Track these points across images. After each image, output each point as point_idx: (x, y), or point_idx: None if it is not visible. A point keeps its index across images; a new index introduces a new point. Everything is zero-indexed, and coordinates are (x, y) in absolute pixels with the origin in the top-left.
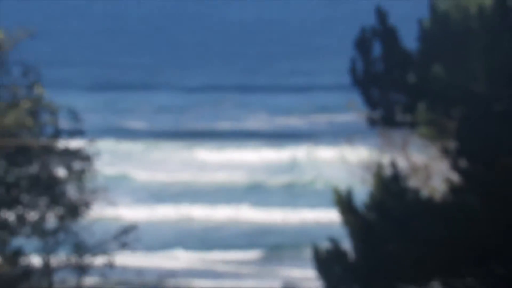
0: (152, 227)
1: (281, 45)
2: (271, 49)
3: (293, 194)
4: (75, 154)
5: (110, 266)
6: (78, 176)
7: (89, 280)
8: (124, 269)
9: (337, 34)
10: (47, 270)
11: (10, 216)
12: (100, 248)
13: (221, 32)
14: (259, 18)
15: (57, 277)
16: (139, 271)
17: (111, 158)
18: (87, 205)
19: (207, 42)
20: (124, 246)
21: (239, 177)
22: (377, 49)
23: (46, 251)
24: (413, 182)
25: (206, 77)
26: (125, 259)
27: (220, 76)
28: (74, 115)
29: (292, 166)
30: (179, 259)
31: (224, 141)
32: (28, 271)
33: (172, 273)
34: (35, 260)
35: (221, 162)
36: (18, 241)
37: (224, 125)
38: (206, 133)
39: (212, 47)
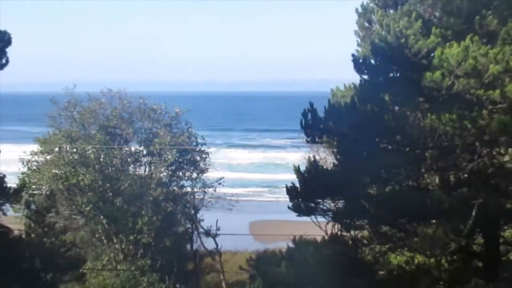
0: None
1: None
2: (265, 119)
3: (276, 168)
4: (202, 151)
5: (215, 190)
6: (203, 159)
7: (207, 196)
8: (219, 193)
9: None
10: (192, 192)
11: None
12: (211, 185)
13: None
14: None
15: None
16: (224, 194)
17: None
18: (206, 170)
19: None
20: (219, 184)
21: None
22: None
23: (192, 185)
24: (312, 164)
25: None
26: (219, 189)
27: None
28: (202, 138)
29: (275, 159)
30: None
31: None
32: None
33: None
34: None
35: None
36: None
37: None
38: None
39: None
